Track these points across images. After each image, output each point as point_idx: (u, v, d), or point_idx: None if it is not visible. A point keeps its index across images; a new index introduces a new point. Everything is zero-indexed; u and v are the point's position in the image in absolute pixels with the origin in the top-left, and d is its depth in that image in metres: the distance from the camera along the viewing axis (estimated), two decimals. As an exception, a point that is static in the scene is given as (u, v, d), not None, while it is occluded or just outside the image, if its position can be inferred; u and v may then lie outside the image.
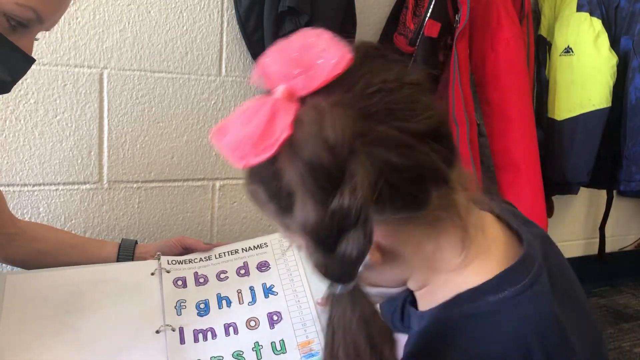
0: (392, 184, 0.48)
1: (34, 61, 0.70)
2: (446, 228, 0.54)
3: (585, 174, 1.77)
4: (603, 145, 1.76)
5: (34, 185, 1.29)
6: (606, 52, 1.70)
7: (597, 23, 1.72)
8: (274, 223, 0.54)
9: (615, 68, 1.70)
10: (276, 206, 0.51)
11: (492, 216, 0.60)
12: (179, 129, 1.41)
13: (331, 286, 0.48)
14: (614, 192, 2.15)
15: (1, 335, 0.83)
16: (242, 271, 1.00)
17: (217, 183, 1.49)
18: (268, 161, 0.46)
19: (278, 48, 0.50)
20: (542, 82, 1.86)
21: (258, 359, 0.85)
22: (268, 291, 0.96)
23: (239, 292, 0.96)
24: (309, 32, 0.51)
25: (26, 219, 1.28)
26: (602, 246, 2.21)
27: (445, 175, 0.51)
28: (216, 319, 0.91)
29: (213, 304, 0.93)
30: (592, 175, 1.78)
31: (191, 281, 0.98)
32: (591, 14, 1.73)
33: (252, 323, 0.90)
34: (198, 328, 0.89)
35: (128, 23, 1.32)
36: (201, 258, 1.04)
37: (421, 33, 1.51)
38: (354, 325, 0.47)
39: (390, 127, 0.48)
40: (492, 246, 0.56)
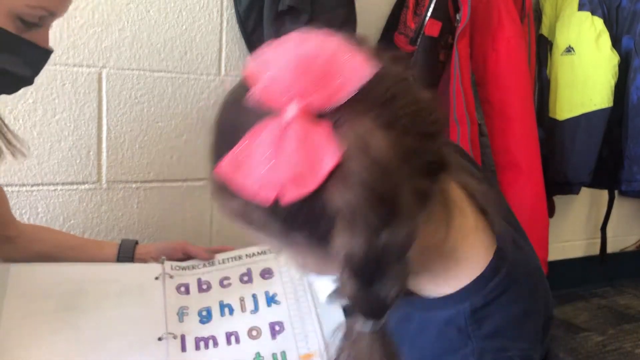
0: (425, 194, 0.46)
1: (52, 51, 0.72)
2: (435, 212, 0.52)
3: (586, 174, 1.77)
4: (604, 145, 1.76)
5: (33, 185, 1.29)
6: (607, 52, 1.69)
7: (599, 22, 1.72)
8: (267, 241, 0.51)
9: (616, 68, 1.70)
10: (305, 234, 0.46)
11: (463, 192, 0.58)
12: (179, 129, 1.41)
13: (354, 321, 0.44)
14: (616, 192, 2.14)
15: (3, 327, 0.84)
16: (245, 278, 0.99)
17: (217, 183, 1.49)
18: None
19: (281, 59, 0.44)
20: (543, 82, 1.85)
21: None
22: (271, 300, 0.95)
23: (242, 300, 0.95)
24: (313, 38, 0.45)
25: (25, 220, 1.28)
26: (604, 247, 2.20)
27: (450, 165, 0.50)
28: (218, 327, 0.90)
29: (215, 312, 0.93)
30: (594, 175, 1.77)
31: (194, 288, 0.97)
32: (592, 13, 1.73)
33: (254, 333, 0.89)
34: (200, 336, 0.89)
35: (127, 22, 1.31)
36: (204, 264, 1.03)
37: (422, 32, 1.51)
38: None
39: (414, 138, 0.44)
40: (471, 233, 0.56)
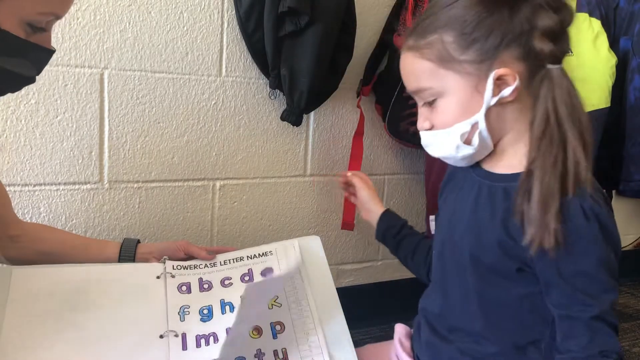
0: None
1: (55, 51, 0.75)
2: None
3: (584, 174, 1.77)
4: (602, 145, 1.76)
5: (35, 185, 1.29)
6: (605, 53, 1.70)
7: (597, 23, 1.72)
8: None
9: (614, 68, 1.70)
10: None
11: None
12: (180, 129, 1.42)
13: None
14: (613, 192, 2.15)
15: (6, 329, 0.84)
16: (247, 278, 1.00)
17: (218, 183, 1.50)
18: None
19: None
20: (542, 82, 1.86)
21: None
22: (272, 302, 0.96)
23: (243, 299, 0.96)
24: None
25: (27, 219, 1.28)
26: (602, 246, 2.21)
27: None
28: (219, 324, 0.91)
29: (216, 310, 0.94)
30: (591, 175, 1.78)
31: (195, 287, 0.98)
32: (590, 14, 1.73)
33: (255, 332, 0.90)
34: (200, 333, 0.89)
35: (129, 23, 1.32)
36: (206, 264, 1.04)
37: (421, 33, 1.51)
38: None
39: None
40: None
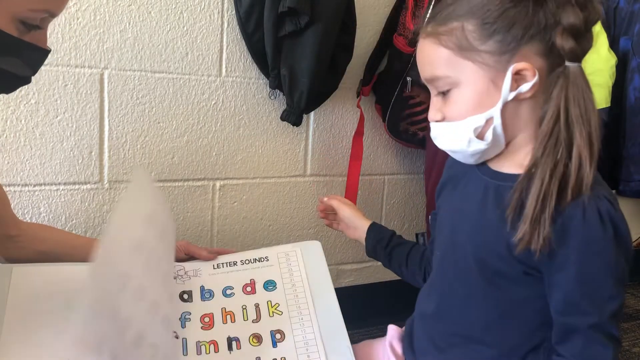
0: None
1: (50, 51, 0.73)
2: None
3: (584, 174, 1.77)
4: (602, 145, 1.76)
5: (35, 185, 1.29)
6: (605, 53, 1.70)
7: (596, 23, 1.72)
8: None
9: (614, 68, 1.70)
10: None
11: None
12: (180, 129, 1.42)
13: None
14: (613, 192, 2.15)
15: (6, 328, 0.84)
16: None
17: (217, 183, 1.50)
18: None
19: None
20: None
21: None
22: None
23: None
24: None
25: (27, 219, 1.28)
26: (602, 246, 2.21)
27: None
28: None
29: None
30: (592, 175, 1.78)
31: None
32: (590, 15, 1.73)
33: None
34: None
35: (129, 23, 1.32)
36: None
37: (421, 33, 1.51)
38: None
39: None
40: None
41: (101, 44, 1.30)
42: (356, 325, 1.01)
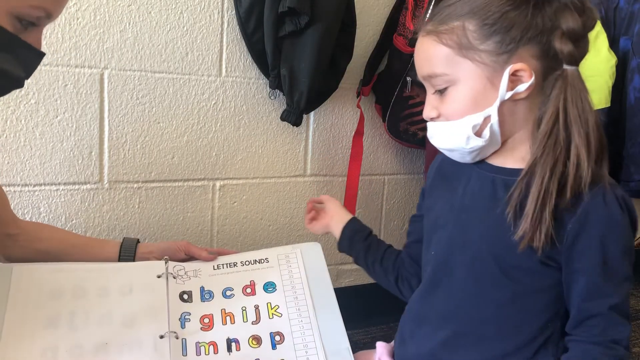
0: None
1: (44, 55, 0.72)
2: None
3: (584, 174, 1.77)
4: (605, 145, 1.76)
5: (35, 185, 1.29)
6: (605, 53, 1.70)
7: (596, 23, 1.72)
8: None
9: (614, 68, 1.70)
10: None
11: None
12: (180, 129, 1.42)
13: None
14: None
15: (7, 327, 0.84)
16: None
17: (217, 183, 1.50)
18: None
19: None
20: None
21: None
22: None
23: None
24: None
25: (27, 219, 1.28)
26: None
27: None
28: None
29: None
30: (591, 175, 1.77)
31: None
32: (590, 15, 1.73)
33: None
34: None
35: (129, 23, 1.32)
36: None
37: (421, 33, 1.51)
38: None
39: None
40: None
41: (101, 44, 1.30)
42: (356, 325, 1.01)
